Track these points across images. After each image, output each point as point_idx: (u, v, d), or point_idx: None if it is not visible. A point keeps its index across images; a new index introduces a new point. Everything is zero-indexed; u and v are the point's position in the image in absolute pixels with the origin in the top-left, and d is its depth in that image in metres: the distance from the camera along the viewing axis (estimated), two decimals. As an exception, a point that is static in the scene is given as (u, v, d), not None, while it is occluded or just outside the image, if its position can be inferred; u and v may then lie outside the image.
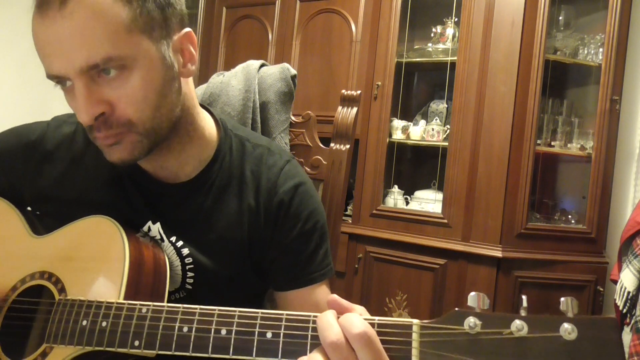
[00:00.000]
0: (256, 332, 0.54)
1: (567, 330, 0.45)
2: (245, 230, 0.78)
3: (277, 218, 0.78)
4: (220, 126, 0.81)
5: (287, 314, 0.55)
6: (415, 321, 0.50)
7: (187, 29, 0.71)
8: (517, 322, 0.46)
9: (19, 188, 0.81)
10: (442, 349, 0.48)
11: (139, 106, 0.64)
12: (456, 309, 0.48)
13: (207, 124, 0.79)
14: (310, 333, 0.53)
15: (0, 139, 0.83)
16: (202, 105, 0.81)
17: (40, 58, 0.63)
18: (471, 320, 0.47)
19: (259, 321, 0.55)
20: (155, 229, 0.77)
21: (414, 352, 0.49)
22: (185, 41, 0.71)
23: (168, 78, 0.67)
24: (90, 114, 0.62)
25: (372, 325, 0.51)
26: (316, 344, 0.51)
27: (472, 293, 0.48)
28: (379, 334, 0.50)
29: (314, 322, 0.53)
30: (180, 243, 0.77)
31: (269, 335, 0.54)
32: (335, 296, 0.54)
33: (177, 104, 0.71)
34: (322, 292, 0.80)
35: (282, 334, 0.53)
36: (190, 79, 0.76)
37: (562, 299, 0.46)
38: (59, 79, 0.64)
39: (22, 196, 0.82)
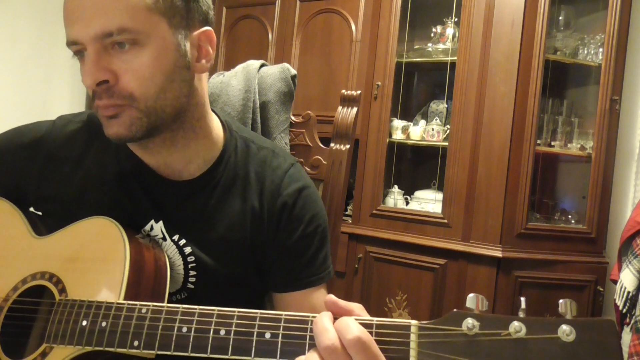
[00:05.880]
0: (255, 333, 0.54)
1: (566, 332, 0.45)
2: (248, 231, 0.78)
3: (279, 220, 0.79)
4: (225, 128, 0.82)
5: (285, 315, 0.55)
6: (414, 322, 0.50)
7: (208, 27, 0.73)
8: (516, 324, 0.46)
9: (23, 188, 0.81)
10: (441, 350, 0.47)
11: (143, 82, 0.66)
12: (454, 310, 0.48)
13: (215, 125, 0.80)
14: (308, 334, 0.53)
15: (5, 138, 0.84)
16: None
17: (65, 26, 0.67)
18: (469, 322, 0.47)
19: (257, 322, 0.55)
20: (158, 227, 0.77)
21: (412, 353, 0.49)
22: (203, 38, 0.73)
23: (179, 65, 0.69)
24: (94, 78, 0.65)
25: (371, 326, 0.51)
26: (314, 344, 0.51)
27: (471, 294, 0.48)
28: (377, 334, 0.50)
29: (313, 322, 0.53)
30: (182, 241, 0.77)
31: (267, 335, 0.54)
32: (332, 297, 0.54)
33: (185, 94, 0.71)
34: (319, 295, 0.80)
35: (280, 335, 0.54)
36: (205, 79, 0.77)
37: (561, 300, 0.46)
38: (76, 46, 0.67)
39: (26, 196, 0.82)
